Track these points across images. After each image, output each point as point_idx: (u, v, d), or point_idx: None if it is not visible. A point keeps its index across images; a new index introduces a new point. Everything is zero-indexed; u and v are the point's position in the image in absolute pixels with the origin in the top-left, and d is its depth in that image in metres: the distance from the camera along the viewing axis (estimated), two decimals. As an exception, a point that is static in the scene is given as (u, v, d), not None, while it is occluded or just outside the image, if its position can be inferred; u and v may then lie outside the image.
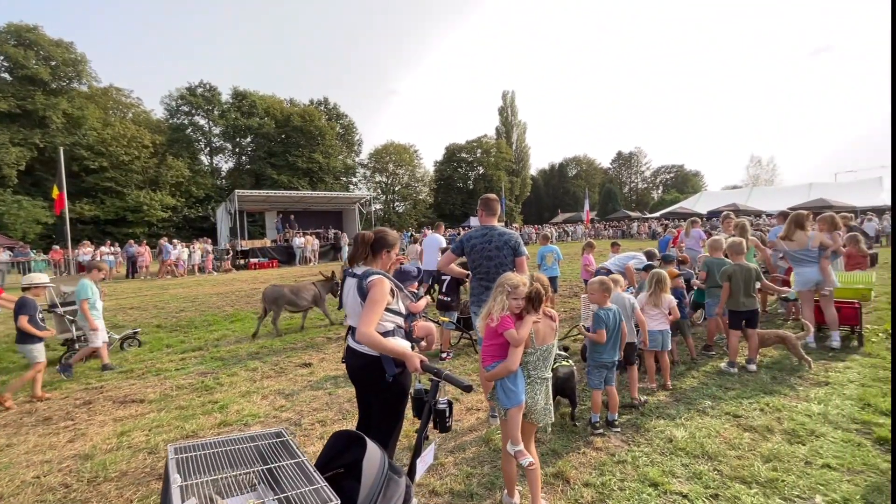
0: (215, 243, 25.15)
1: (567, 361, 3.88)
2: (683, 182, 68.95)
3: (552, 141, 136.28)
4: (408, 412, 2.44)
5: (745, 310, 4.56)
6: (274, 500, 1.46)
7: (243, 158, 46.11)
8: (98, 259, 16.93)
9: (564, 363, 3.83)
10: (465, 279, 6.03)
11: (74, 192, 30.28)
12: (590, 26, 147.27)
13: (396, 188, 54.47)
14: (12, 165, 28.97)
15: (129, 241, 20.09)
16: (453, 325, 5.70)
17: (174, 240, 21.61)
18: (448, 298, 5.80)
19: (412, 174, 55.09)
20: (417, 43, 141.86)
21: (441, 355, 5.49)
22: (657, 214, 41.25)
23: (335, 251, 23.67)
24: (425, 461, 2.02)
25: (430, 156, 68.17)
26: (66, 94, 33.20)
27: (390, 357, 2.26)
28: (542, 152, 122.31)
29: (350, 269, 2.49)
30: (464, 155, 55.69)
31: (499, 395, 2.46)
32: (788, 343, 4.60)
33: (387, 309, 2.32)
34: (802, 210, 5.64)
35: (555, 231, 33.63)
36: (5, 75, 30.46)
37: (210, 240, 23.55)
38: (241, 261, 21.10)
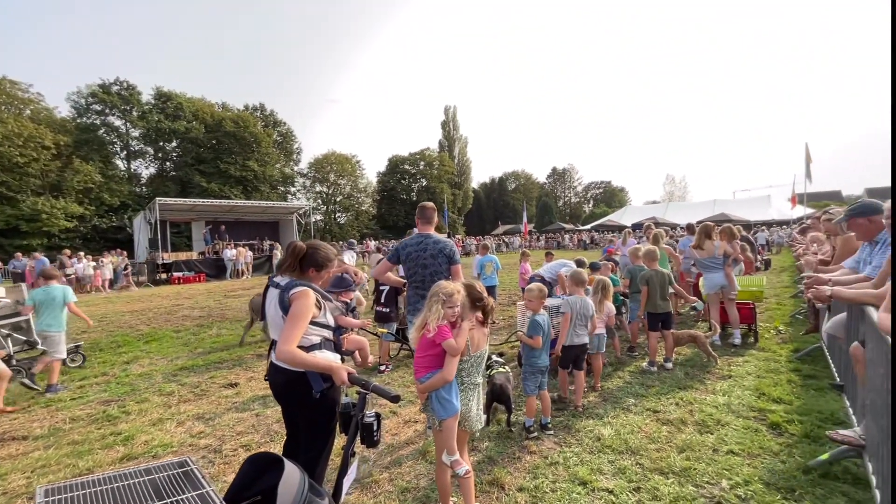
0: (132, 256, 22.76)
1: (503, 368, 3.94)
2: (611, 197, 74.42)
3: (493, 156, 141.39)
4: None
5: (661, 312, 4.96)
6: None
7: (167, 164, 42.45)
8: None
9: (500, 369, 3.89)
10: (403, 288, 5.99)
11: (-50, 198, 25.93)
12: (523, 48, 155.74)
13: (338, 199, 53.12)
14: None
15: (17, 254, 17.51)
16: (392, 337, 5.58)
17: (80, 252, 19.19)
18: (387, 309, 5.68)
19: (354, 185, 54.10)
20: (360, 52, 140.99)
21: (380, 368, 5.35)
22: (588, 227, 44.12)
23: (270, 264, 22.41)
24: (349, 477, 1.92)
25: (373, 167, 67.31)
26: (-57, 85, 28.59)
27: (316, 372, 2.14)
28: (484, 166, 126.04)
29: (273, 278, 2.35)
30: (407, 167, 55.78)
31: (433, 406, 2.42)
32: (699, 342, 5.06)
33: (313, 322, 2.21)
34: (709, 223, 6.30)
35: (493, 242, 34.71)
36: None
37: (125, 252, 21.22)
38: (163, 275, 19.25)
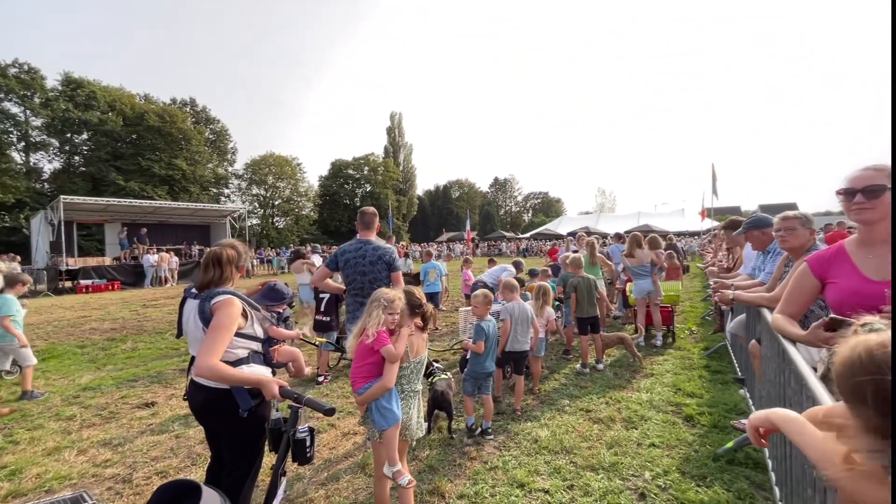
0: (27, 261, 19.92)
1: (444, 374, 3.95)
2: (548, 207, 78.23)
3: (437, 164, 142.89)
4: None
5: (589, 316, 5.28)
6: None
7: (76, 159, 37.87)
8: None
9: (442, 376, 3.89)
10: (343, 296, 5.82)
11: None
12: (465, 59, 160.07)
13: (276, 202, 50.62)
14: None
15: None
16: (332, 346, 5.37)
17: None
18: (327, 318, 5.47)
19: (295, 188, 51.90)
20: (304, 52, 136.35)
21: (318, 379, 5.13)
22: (527, 235, 46.04)
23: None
24: (279, 498, 1.80)
25: (315, 170, 65.33)
26: None
27: (243, 388, 1.99)
28: (429, 174, 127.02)
29: (190, 289, 2.15)
30: (350, 171, 54.62)
31: (374, 417, 2.35)
32: (626, 343, 5.43)
33: (239, 334, 2.05)
34: (638, 233, 6.83)
35: (434, 249, 35.07)
36: None
37: (19, 257, 18.51)
38: (68, 283, 17.06)
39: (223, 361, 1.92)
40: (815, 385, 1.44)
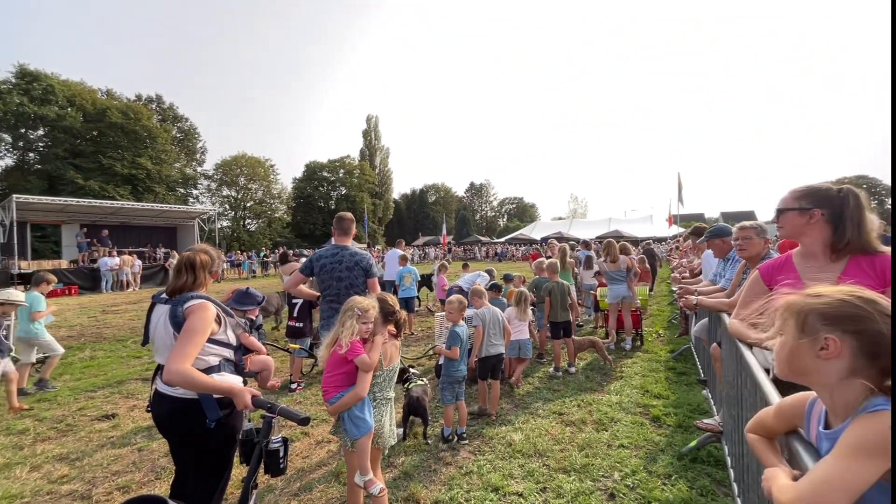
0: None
1: (420, 381, 3.95)
2: (523, 212, 79.45)
3: (414, 168, 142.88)
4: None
5: (562, 321, 5.41)
6: None
7: (30, 155, 35.73)
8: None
9: (418, 382, 3.89)
10: (317, 302, 5.74)
11: None
12: (440, 63, 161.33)
13: (248, 204, 49.28)
14: None
15: None
16: (305, 353, 5.28)
17: None
18: (300, 324, 5.38)
19: (267, 190, 50.69)
20: (278, 51, 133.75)
21: (291, 386, 5.03)
22: (503, 240, 46.53)
23: (165, 273, 19.92)
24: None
25: (289, 172, 63.99)
26: None
27: (212, 397, 1.93)
28: (405, 178, 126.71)
29: (160, 295, 2.09)
30: (325, 174, 53.87)
31: (346, 427, 2.33)
32: (597, 346, 5.59)
33: (211, 340, 2.00)
34: (612, 239, 7.07)
35: (410, 252, 35.07)
36: None
37: (-37, 259, 17.28)
38: (20, 287, 16.00)
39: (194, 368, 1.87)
40: (768, 387, 1.54)
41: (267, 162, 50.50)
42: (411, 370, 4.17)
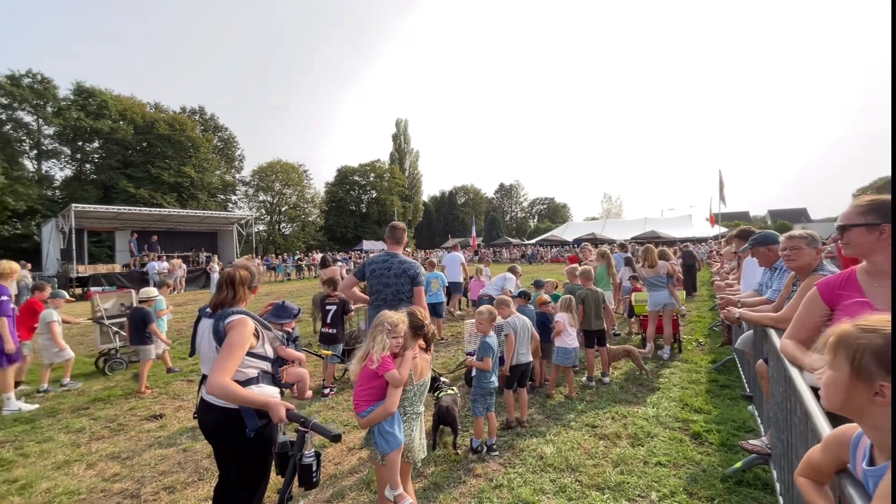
0: (37, 268, 20.21)
1: (451, 390, 3.95)
2: (554, 213, 78.08)
3: (443, 170, 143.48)
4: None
5: (596, 329, 5.27)
6: None
7: (87, 167, 38.49)
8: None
9: (448, 391, 3.89)
10: (352, 308, 5.85)
11: None
12: (476, 67, 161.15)
13: (283, 209, 51.08)
14: None
15: None
16: (338, 359, 5.39)
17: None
18: (333, 330, 5.50)
19: (301, 195, 52.35)
20: (309, 59, 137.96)
21: (324, 390, 5.15)
22: (533, 241, 45.86)
23: (207, 277, 20.92)
24: (287, 524, 1.82)
25: (321, 177, 65.73)
26: None
27: (251, 408, 2.01)
28: (434, 180, 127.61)
29: (205, 309, 2.20)
30: (356, 178, 55.00)
31: (376, 441, 2.36)
32: (633, 356, 5.40)
33: (250, 353, 2.09)
34: (650, 244, 6.85)
35: (440, 254, 35.15)
36: None
37: (30, 264, 18.79)
38: (78, 290, 17.27)
39: (234, 381, 1.96)
40: (820, 421, 1.43)
41: (300, 167, 52.23)
42: (442, 379, 4.18)
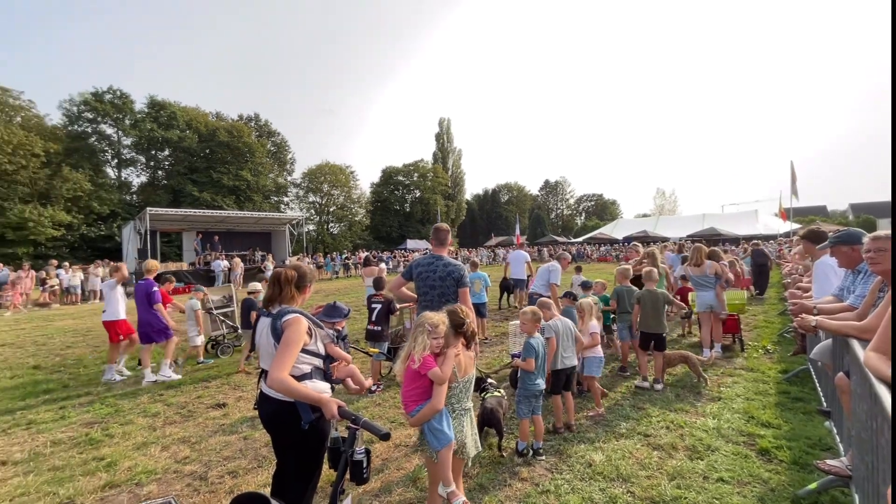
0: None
1: (497, 391, 3.93)
2: (603, 210, 75.24)
3: (486, 168, 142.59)
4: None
5: (653, 332, 5.01)
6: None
7: (159, 173, 42.20)
8: None
9: (494, 393, 3.87)
10: (397, 307, 5.97)
11: (-65, 206, 25.53)
12: (521, 63, 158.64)
13: (331, 209, 53.11)
14: None
15: (-2, 265, 17.20)
16: (384, 356, 5.54)
17: (65, 262, 18.91)
18: (378, 328, 5.65)
19: (348, 195, 54.16)
20: (356, 63, 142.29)
21: (371, 388, 5.30)
22: (580, 239, 44.44)
23: (262, 275, 22.23)
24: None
25: (367, 177, 67.80)
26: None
27: (306, 402, 2.12)
28: (477, 178, 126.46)
29: (262, 308, 2.36)
30: (400, 178, 56.03)
31: (428, 440, 2.40)
32: (690, 362, 5.09)
33: (304, 350, 2.20)
34: (701, 240, 6.49)
35: (482, 253, 34.97)
36: None
37: (112, 262, 20.90)
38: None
39: (290, 376, 2.08)
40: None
41: (347, 169, 54.01)
42: (488, 380, 4.17)
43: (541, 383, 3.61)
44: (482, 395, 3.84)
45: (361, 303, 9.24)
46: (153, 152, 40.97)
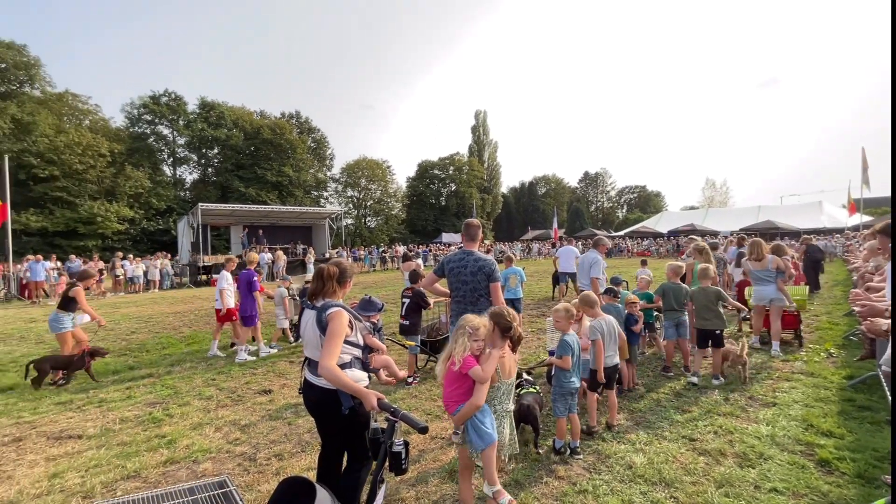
0: (175, 257, 24.06)
1: (533, 388, 3.90)
2: (646, 202, 72.12)
3: (523, 160, 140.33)
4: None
5: (707, 329, 4.87)
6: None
7: (209, 170, 44.74)
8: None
9: (531, 389, 3.84)
10: (429, 301, 6.03)
11: (20, 202, 28.39)
12: (559, 52, 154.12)
13: (368, 203, 54.22)
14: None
15: (71, 256, 18.84)
16: (419, 349, 5.63)
17: (130, 255, 20.52)
18: (407, 322, 5.73)
19: (385, 189, 55.05)
20: (393, 58, 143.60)
21: (407, 380, 5.40)
22: (622, 233, 42.86)
23: (304, 267, 23.10)
24: (378, 500, 1.96)
25: (403, 171, 68.66)
26: (16, 99, 31.40)
27: (347, 392, 2.22)
28: (513, 171, 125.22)
29: (306, 301, 2.47)
30: (436, 171, 56.23)
31: (471, 439, 2.43)
32: (737, 363, 4.87)
33: (346, 341, 2.31)
34: (757, 234, 6.14)
35: (519, 248, 34.44)
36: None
37: (169, 254, 22.47)
38: (204, 277, 20.23)
39: None
40: None
41: (384, 163, 54.87)
42: (525, 377, 4.13)
43: (576, 381, 3.54)
44: (518, 392, 3.81)
45: (398, 296, 9.42)
46: (204, 150, 43.47)
